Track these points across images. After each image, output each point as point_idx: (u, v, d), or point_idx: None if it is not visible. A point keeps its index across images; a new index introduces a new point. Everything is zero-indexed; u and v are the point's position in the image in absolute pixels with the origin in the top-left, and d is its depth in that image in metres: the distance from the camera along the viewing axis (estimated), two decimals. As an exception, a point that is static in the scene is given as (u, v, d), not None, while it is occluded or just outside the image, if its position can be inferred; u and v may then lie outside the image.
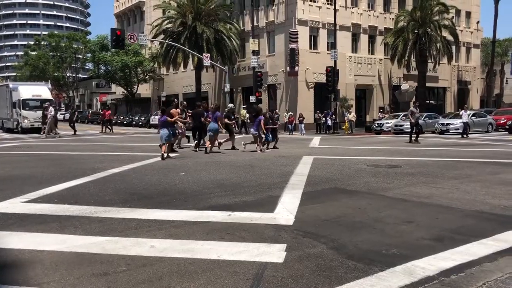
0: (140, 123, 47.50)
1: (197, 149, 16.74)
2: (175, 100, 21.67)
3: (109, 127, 33.85)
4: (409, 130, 21.87)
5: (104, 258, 4.48)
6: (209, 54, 35.89)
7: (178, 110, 16.61)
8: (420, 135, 21.94)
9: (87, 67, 79.45)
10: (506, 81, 57.87)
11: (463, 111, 27.69)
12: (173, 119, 14.91)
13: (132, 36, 32.67)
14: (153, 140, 24.54)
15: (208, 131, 16.13)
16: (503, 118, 32.17)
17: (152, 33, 42.41)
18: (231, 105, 20.06)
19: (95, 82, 78.60)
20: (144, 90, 59.35)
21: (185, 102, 19.90)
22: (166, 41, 38.74)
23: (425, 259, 4.37)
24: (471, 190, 8.35)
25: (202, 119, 16.85)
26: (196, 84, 41.86)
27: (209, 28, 38.66)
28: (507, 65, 57.69)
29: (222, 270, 4.12)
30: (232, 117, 19.60)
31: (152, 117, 44.74)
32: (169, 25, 40.57)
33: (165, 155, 13.76)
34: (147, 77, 55.36)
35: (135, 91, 57.24)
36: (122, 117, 54.29)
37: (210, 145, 15.94)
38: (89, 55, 58.96)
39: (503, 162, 13.01)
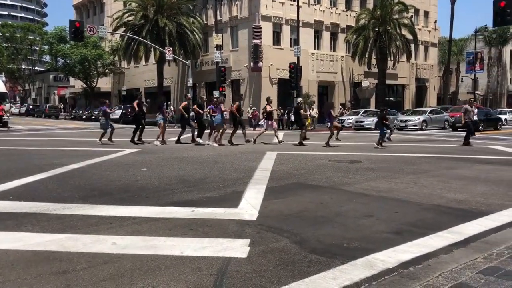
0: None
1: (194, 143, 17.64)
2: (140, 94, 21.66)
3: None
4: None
5: (63, 256, 4.36)
6: (171, 48, 35.41)
7: (185, 103, 17.90)
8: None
9: (44, 60, 76.78)
10: (462, 79, 60.05)
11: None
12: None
13: (92, 29, 31.79)
14: (113, 135, 24.02)
15: (214, 123, 17.36)
16: (458, 115, 33.34)
17: (112, 25, 41.43)
18: (300, 99, 20.31)
19: (52, 75, 76.18)
20: (104, 84, 57.99)
21: (189, 95, 20.03)
22: (127, 34, 37.94)
23: (385, 252, 4.49)
24: (428, 184, 8.63)
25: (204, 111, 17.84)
26: (158, 78, 41.26)
27: (172, 21, 38.13)
28: (462, 64, 59.92)
29: (185, 266, 4.09)
30: (301, 110, 19.78)
31: (112, 111, 43.75)
32: (130, 18, 39.75)
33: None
34: (107, 70, 54.11)
35: (94, 84, 55.85)
36: (81, 112, 52.84)
37: (219, 136, 17.09)
38: (46, 47, 56.97)
39: (459, 158, 13.52)
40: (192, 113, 18.56)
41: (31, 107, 64.86)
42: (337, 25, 42.23)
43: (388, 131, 17.77)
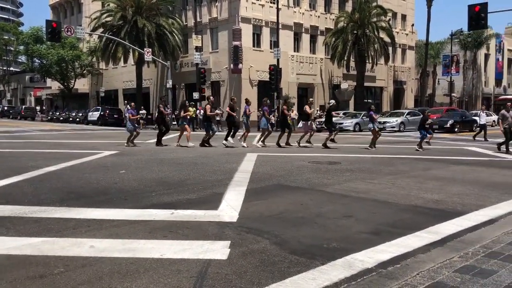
0: (78, 120, 45.69)
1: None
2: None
3: None
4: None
5: (40, 260, 4.28)
6: (150, 49, 35.12)
7: (208, 106, 17.66)
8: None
9: (19, 60, 75.19)
10: (438, 81, 61.11)
11: (480, 111, 25.13)
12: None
13: (69, 29, 31.30)
14: (91, 137, 23.75)
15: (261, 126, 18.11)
16: (434, 117, 33.96)
17: (90, 26, 40.88)
18: (332, 101, 20.05)
19: (28, 76, 74.64)
20: (81, 85, 57.12)
21: (211, 97, 19.73)
22: (106, 35, 37.49)
23: (363, 252, 4.54)
24: (405, 185, 8.76)
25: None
26: (137, 79, 40.86)
27: (151, 22, 37.84)
28: (439, 67, 61.01)
29: (165, 268, 4.06)
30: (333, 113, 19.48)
31: (90, 113, 43.24)
32: (109, 19, 39.28)
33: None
34: (85, 71, 53.31)
35: (72, 86, 54.97)
36: (58, 113, 51.98)
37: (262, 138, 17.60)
38: (21, 47, 55.82)
39: (435, 159, 13.76)
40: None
41: (6, 108, 63.56)
42: (317, 28, 42.53)
43: (428, 135, 17.42)
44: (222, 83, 38.46)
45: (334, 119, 33.36)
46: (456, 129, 30.62)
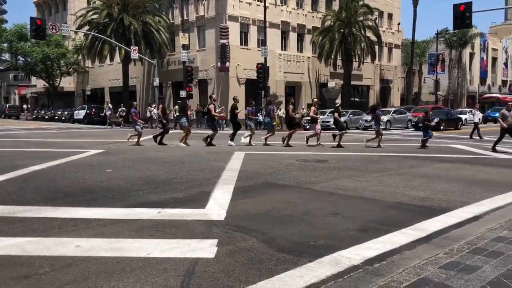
0: (63, 118, 45.21)
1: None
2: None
3: None
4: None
5: (24, 260, 4.23)
6: (137, 47, 34.91)
7: (212, 105, 17.45)
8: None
9: (3, 58, 74.05)
10: (424, 80, 61.73)
11: (474, 110, 25.25)
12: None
13: (54, 27, 30.98)
14: (77, 135, 23.53)
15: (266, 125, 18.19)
16: (420, 115, 34.29)
17: (76, 23, 40.47)
18: (338, 101, 19.87)
19: (12, 74, 73.59)
20: (67, 83, 56.52)
21: (214, 96, 19.58)
22: (91, 33, 37.16)
23: (350, 249, 4.57)
24: (392, 183, 8.83)
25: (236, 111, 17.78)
26: (123, 77, 40.56)
27: (137, 20, 37.58)
28: (424, 65, 61.61)
29: (152, 267, 4.04)
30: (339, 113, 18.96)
31: (76, 111, 42.82)
32: (95, 16, 38.90)
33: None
34: (70, 69, 52.74)
35: (57, 84, 54.36)
36: (43, 112, 51.38)
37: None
38: (5, 45, 54.99)
39: (421, 156, 13.90)
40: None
41: (-11, 107, 62.61)
42: (304, 26, 42.63)
43: (430, 134, 17.34)
44: (210, 81, 38.36)
45: (321, 117, 33.69)
46: (441, 127, 30.92)
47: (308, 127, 18.75)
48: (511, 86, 71.91)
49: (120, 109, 36.54)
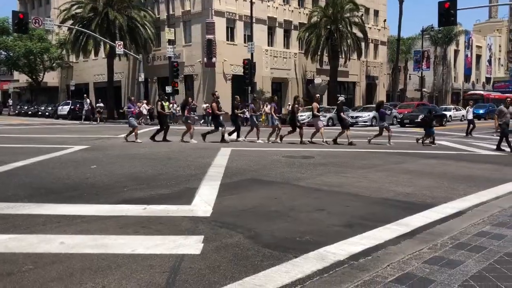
0: (47, 114, 44.61)
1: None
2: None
3: None
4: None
5: (7, 257, 4.17)
6: (122, 42, 34.54)
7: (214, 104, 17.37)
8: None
9: (-16, 52, 72.79)
10: (409, 77, 62.27)
11: (468, 107, 24.92)
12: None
13: (37, 20, 30.49)
14: (61, 131, 23.26)
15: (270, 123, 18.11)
16: (406, 112, 34.67)
17: (59, 17, 39.86)
18: (341, 98, 19.75)
19: (-6, 68, 72.36)
20: (51, 78, 55.70)
21: (217, 92, 19.09)
22: (76, 27, 36.64)
23: (336, 244, 4.60)
24: (377, 179, 8.90)
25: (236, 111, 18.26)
26: (108, 73, 40.11)
27: (122, 15, 37.15)
28: (410, 62, 62.12)
29: (137, 264, 4.02)
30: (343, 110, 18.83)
31: (60, 107, 42.26)
32: (79, 10, 38.35)
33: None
34: (54, 64, 51.97)
35: (41, 79, 53.58)
36: (26, 107, 50.62)
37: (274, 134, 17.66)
38: (-13, 39, 54.02)
39: (406, 152, 14.03)
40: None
41: (-30, 102, 61.48)
42: (290, 22, 42.62)
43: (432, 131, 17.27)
44: (196, 77, 38.16)
45: (308, 113, 33.76)
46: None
47: (305, 123, 18.62)
48: (495, 83, 72.90)
49: (98, 105, 36.17)
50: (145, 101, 32.91)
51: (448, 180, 8.87)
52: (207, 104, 33.80)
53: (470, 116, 23.38)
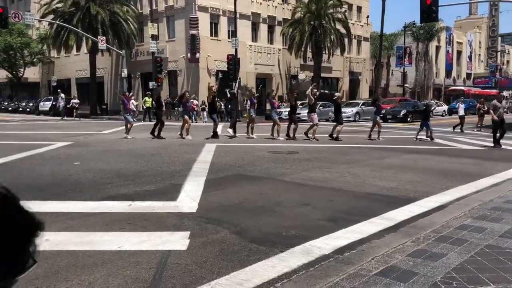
0: (28, 110, 43.90)
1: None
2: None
3: None
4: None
5: (-10, 255, 4.11)
6: (104, 37, 34.12)
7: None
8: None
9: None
10: (392, 72, 62.82)
11: (459, 103, 24.79)
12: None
13: (17, 15, 29.91)
14: (43, 127, 22.94)
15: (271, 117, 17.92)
16: (388, 107, 35.03)
17: (40, 12, 39.16)
18: (338, 94, 19.65)
19: (-27, 63, 70.81)
20: (32, 74, 54.78)
21: (214, 87, 18.78)
22: (56, 22, 36.05)
23: (321, 239, 4.65)
24: (361, 173, 9.00)
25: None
26: (90, 68, 39.61)
27: (104, 9, 36.69)
28: (392, 58, 62.66)
29: (123, 260, 4.01)
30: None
31: (42, 103, 41.61)
32: (60, 5, 37.75)
33: None
34: (35, 60, 51.11)
35: (21, 74, 52.66)
36: (6, 103, 49.73)
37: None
38: (-36, 33, 52.82)
39: (388, 148, 14.19)
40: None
41: None
42: (274, 18, 42.61)
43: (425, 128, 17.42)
44: (179, 72, 37.94)
45: (279, 110, 33.84)
46: (408, 119, 31.65)
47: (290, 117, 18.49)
48: (475, 79, 74.02)
49: (73, 101, 35.69)
50: (133, 97, 32.62)
51: (430, 174, 9.02)
52: (192, 100, 33.67)
53: (462, 112, 23.51)
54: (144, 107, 32.07)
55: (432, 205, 6.24)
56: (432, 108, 24.21)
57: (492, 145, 14.81)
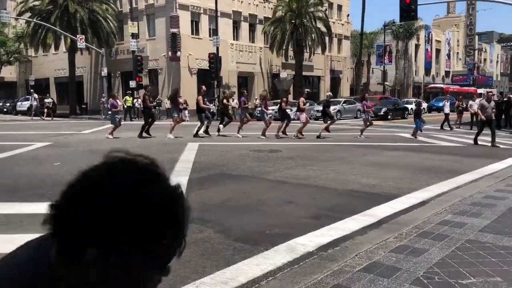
0: (5, 110, 43.07)
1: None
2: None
3: None
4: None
5: (-32, 259, 4.01)
6: (83, 36, 33.66)
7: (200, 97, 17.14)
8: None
9: None
10: (372, 71, 63.43)
11: (445, 101, 24.44)
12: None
13: (-7, 13, 29.30)
14: (22, 128, 22.53)
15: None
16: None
17: (16, 10, 38.43)
18: (329, 93, 19.78)
19: None
20: (8, 73, 53.69)
21: (203, 87, 18.65)
22: (34, 20, 35.42)
23: (305, 236, 4.67)
24: (344, 171, 9.06)
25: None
26: (69, 67, 39.00)
27: (83, 8, 36.17)
28: (373, 56, 63.30)
29: (106, 261, 3.95)
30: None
31: (20, 103, 40.83)
32: (37, 3, 37.08)
33: None
34: (12, 58, 50.10)
35: (-2, 74, 51.61)
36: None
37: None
38: None
39: (369, 145, 14.34)
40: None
41: None
42: (255, 16, 42.60)
43: (423, 123, 17.78)
44: (160, 71, 37.66)
45: (275, 107, 33.90)
46: (389, 117, 32.00)
47: (293, 116, 18.72)
48: (454, 77, 75.26)
49: (46, 100, 35.13)
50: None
51: (411, 171, 9.13)
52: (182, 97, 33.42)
53: (447, 110, 23.64)
54: (125, 106, 31.64)
55: (413, 201, 6.32)
56: (421, 107, 24.30)
57: (473, 142, 14.89)
